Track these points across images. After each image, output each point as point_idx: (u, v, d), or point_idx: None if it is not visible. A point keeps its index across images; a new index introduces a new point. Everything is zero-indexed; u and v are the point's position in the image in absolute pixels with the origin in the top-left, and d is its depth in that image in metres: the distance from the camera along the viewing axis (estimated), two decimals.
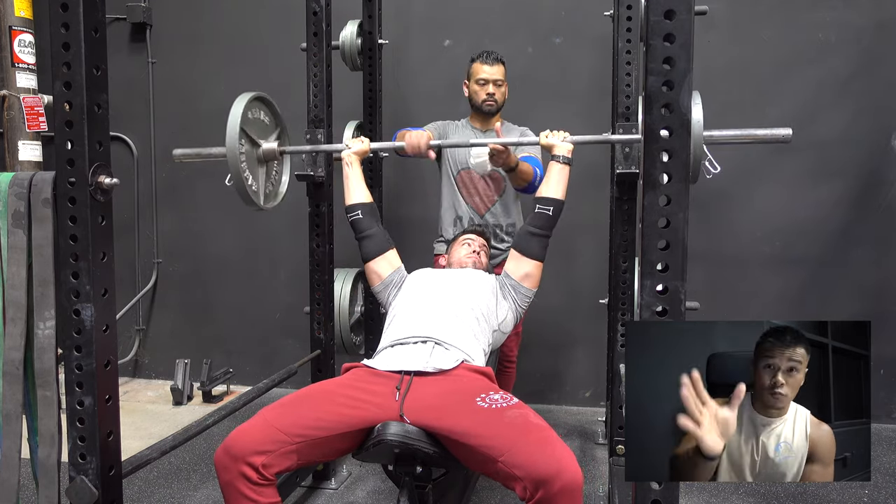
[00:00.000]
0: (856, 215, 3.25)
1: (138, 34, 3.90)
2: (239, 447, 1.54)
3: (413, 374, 1.76)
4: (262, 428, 1.59)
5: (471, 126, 2.82)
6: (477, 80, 2.70)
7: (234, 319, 3.90)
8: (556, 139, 2.21)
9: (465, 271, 2.26)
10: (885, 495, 2.51)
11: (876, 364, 3.20)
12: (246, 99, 2.16)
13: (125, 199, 3.89)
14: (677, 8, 1.12)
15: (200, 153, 2.26)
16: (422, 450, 1.58)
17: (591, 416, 3.37)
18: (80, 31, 1.29)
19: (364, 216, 2.26)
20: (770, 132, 1.71)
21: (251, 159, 2.23)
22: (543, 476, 1.41)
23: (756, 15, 3.28)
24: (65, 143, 1.32)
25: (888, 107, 3.19)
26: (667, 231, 1.16)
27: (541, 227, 2.15)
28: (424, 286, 2.15)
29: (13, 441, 1.39)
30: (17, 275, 1.37)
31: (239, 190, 2.16)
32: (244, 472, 1.53)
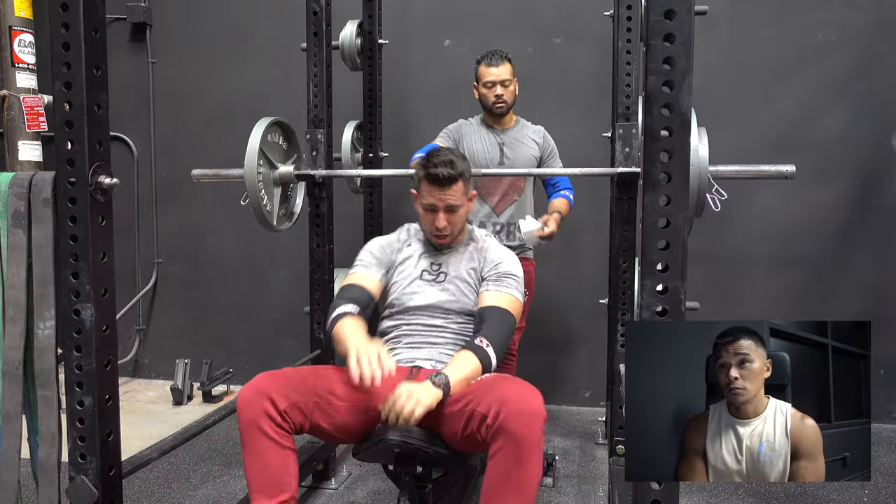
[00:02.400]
0: (856, 215, 3.25)
1: (138, 34, 3.90)
2: (266, 385, 1.63)
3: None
4: (285, 378, 1.67)
5: (486, 125, 2.81)
6: (484, 83, 2.68)
7: (234, 319, 3.89)
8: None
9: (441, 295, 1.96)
10: (885, 495, 2.51)
11: (876, 364, 3.19)
12: (266, 123, 2.25)
13: (125, 199, 3.88)
14: (677, 8, 1.12)
15: (219, 174, 2.32)
16: (422, 450, 1.59)
17: (591, 416, 3.37)
18: (80, 31, 1.29)
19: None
20: (775, 168, 1.75)
21: (268, 181, 2.31)
22: (503, 398, 1.50)
23: (756, 15, 3.28)
24: (65, 143, 1.31)
25: (888, 107, 3.19)
26: (667, 231, 1.16)
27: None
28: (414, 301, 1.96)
29: (13, 441, 1.39)
30: (17, 275, 1.37)
31: (255, 211, 2.24)
32: (268, 410, 1.60)
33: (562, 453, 2.89)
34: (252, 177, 2.19)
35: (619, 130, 2.33)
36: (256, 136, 2.21)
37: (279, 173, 2.37)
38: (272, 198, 2.34)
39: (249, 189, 2.20)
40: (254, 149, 2.20)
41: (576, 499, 2.49)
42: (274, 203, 2.37)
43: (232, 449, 2.93)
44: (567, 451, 2.92)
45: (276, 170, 2.35)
